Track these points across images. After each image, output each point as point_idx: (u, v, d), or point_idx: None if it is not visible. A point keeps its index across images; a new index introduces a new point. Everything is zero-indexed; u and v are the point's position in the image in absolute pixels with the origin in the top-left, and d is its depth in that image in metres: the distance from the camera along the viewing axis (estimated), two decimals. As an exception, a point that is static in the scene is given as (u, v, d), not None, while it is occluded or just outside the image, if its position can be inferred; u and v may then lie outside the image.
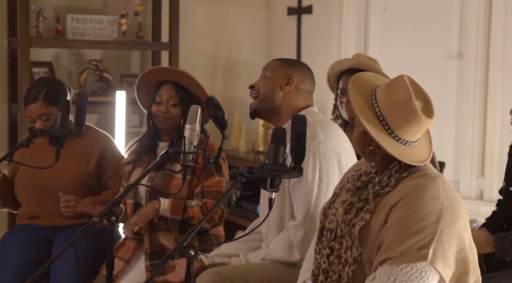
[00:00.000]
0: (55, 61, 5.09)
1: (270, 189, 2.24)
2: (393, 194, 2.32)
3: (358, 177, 2.47)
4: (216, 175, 3.39)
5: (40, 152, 3.53)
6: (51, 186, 3.63)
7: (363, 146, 2.40)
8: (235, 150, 5.31)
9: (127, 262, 3.45)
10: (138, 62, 5.34)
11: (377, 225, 2.31)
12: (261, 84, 3.08)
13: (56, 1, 5.06)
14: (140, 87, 3.54)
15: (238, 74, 5.55)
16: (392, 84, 2.35)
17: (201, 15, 5.43)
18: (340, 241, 2.38)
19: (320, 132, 2.91)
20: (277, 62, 3.13)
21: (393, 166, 2.37)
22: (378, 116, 2.33)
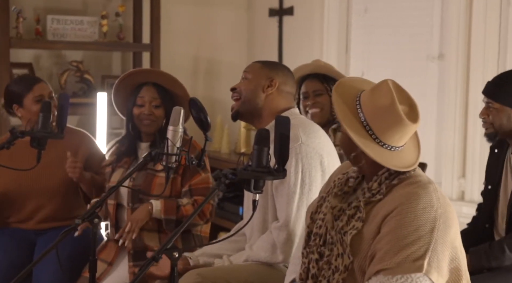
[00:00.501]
0: (35, 62, 5.06)
1: (254, 190, 2.23)
2: (385, 203, 2.31)
3: (345, 181, 2.46)
4: (202, 172, 3.39)
5: (20, 154, 3.51)
6: (36, 188, 3.61)
7: (348, 151, 2.40)
8: (217, 151, 5.31)
9: (109, 264, 3.43)
10: (119, 64, 5.33)
11: (369, 234, 2.30)
12: (243, 87, 3.06)
13: (36, 2, 5.03)
14: (118, 90, 3.50)
15: (219, 75, 5.55)
16: (376, 89, 2.34)
17: (183, 16, 5.43)
18: (330, 248, 2.37)
19: (302, 134, 2.91)
20: (258, 64, 3.12)
21: (382, 172, 2.35)
22: (362, 122, 2.31)
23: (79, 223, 2.60)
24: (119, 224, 3.43)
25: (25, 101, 3.61)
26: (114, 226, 3.45)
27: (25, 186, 3.61)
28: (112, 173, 3.48)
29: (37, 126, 3.08)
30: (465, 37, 4.13)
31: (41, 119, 3.06)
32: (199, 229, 3.46)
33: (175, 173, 3.36)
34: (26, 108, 3.61)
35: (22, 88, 3.62)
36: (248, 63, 5.53)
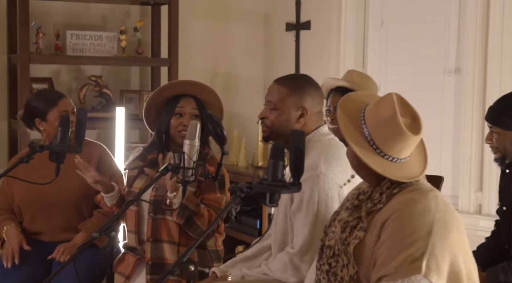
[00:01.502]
0: (55, 77, 5.11)
1: (270, 204, 2.25)
2: (384, 210, 2.33)
3: (357, 195, 2.49)
4: (218, 192, 3.39)
5: (38, 168, 3.54)
6: (54, 201, 3.65)
7: (351, 163, 2.44)
8: (235, 165, 5.32)
9: (127, 277, 3.44)
10: (138, 78, 5.36)
11: (371, 243, 2.32)
12: (273, 117, 2.96)
13: (56, 18, 5.08)
14: (153, 100, 3.48)
15: (237, 89, 5.57)
16: (379, 102, 2.37)
17: (200, 31, 5.46)
18: (336, 259, 2.39)
19: (323, 163, 2.86)
20: (284, 90, 2.97)
21: (384, 183, 2.38)
22: (364, 134, 2.35)
23: (97, 236, 2.62)
24: (141, 234, 3.44)
25: (48, 116, 3.65)
26: (136, 234, 3.46)
27: (45, 199, 3.64)
28: (135, 179, 3.49)
29: (55, 141, 3.11)
30: (481, 51, 4.13)
31: (60, 133, 3.09)
32: (213, 243, 3.47)
33: (197, 188, 3.35)
34: (49, 123, 3.65)
35: (47, 103, 3.67)
36: (265, 77, 5.58)
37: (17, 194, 3.71)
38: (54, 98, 3.69)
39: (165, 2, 5.08)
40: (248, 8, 5.57)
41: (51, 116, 3.65)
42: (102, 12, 5.21)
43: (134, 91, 5.23)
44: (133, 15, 5.28)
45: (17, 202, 3.72)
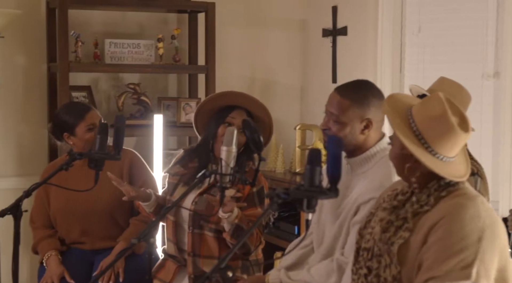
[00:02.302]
0: (94, 85, 5.16)
1: (307, 209, 2.25)
2: (433, 213, 2.33)
3: (395, 196, 2.48)
4: (258, 207, 3.39)
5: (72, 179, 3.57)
6: (89, 212, 3.68)
7: (401, 164, 2.41)
8: (272, 171, 5.32)
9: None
10: (175, 85, 5.39)
11: (416, 244, 2.31)
12: (336, 130, 2.89)
13: (94, 27, 5.13)
14: (204, 108, 3.47)
15: (274, 96, 5.57)
16: (427, 101, 2.37)
17: (237, 38, 5.48)
18: (378, 260, 2.39)
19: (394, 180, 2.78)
20: (346, 102, 2.88)
21: (432, 185, 2.38)
22: (414, 132, 2.35)
23: (136, 242, 2.64)
24: (179, 244, 3.45)
25: (77, 131, 3.67)
26: (175, 244, 3.46)
27: (81, 209, 3.67)
28: (177, 187, 3.49)
29: (94, 148, 3.14)
30: (520, 55, 4.09)
31: (98, 141, 3.12)
32: (254, 254, 3.46)
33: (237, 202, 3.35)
34: (78, 137, 3.67)
35: (74, 117, 3.68)
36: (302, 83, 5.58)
37: (53, 206, 3.74)
38: (82, 112, 3.71)
39: (202, 10, 5.11)
40: (285, 14, 5.58)
41: (79, 130, 3.67)
42: (139, 21, 5.25)
43: (172, 99, 5.26)
44: (170, 23, 5.32)
45: (52, 213, 3.75)
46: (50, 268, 3.64)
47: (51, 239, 3.73)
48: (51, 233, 3.75)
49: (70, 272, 3.65)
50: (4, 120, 4.92)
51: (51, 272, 3.62)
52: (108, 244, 3.69)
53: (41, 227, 3.76)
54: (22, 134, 5.02)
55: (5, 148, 4.94)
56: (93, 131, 3.65)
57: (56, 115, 3.78)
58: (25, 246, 3.65)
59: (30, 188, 3.06)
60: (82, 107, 3.78)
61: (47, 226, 3.77)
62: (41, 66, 5.03)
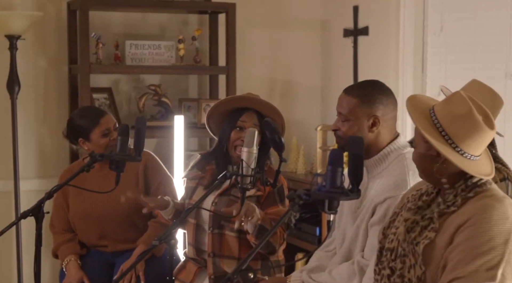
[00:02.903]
0: (115, 87, 5.16)
1: (328, 211, 2.23)
2: (460, 214, 2.31)
3: (419, 196, 2.46)
4: (279, 204, 3.38)
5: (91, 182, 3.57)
6: (107, 215, 3.67)
7: (426, 166, 2.39)
8: (293, 172, 5.31)
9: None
10: (196, 86, 5.39)
11: (442, 244, 2.30)
12: (345, 129, 2.91)
13: (115, 28, 5.14)
14: (216, 110, 3.47)
15: (295, 96, 5.56)
16: (450, 100, 2.35)
17: (258, 39, 5.47)
18: (402, 260, 2.37)
19: (412, 180, 2.80)
20: (354, 100, 2.91)
21: (459, 185, 2.35)
22: (439, 130, 2.32)
23: (157, 244, 2.64)
24: (199, 246, 3.45)
25: (92, 136, 3.66)
26: (194, 246, 3.46)
27: (99, 212, 3.68)
28: (195, 191, 3.49)
29: (115, 150, 3.14)
30: (544, 54, 4.05)
31: (119, 142, 3.12)
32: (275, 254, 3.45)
33: (256, 202, 3.35)
34: (93, 143, 3.67)
35: (88, 122, 3.67)
36: (323, 84, 5.57)
37: (72, 210, 3.75)
38: (96, 117, 3.69)
39: (222, 11, 5.10)
40: (306, 15, 5.56)
41: (94, 136, 3.67)
42: (160, 22, 5.26)
43: (193, 100, 5.26)
44: (191, 24, 5.32)
45: (71, 217, 3.76)
46: (70, 274, 3.64)
47: (71, 243, 3.73)
48: (71, 237, 3.75)
49: (91, 275, 3.65)
50: (26, 122, 4.94)
51: (71, 278, 3.63)
52: (128, 246, 3.69)
53: (61, 231, 3.77)
54: (43, 136, 5.04)
55: (27, 149, 4.96)
56: (108, 136, 3.65)
57: (70, 120, 3.77)
58: (47, 247, 3.66)
59: (51, 189, 3.08)
60: (96, 112, 3.76)
61: (67, 230, 3.77)
62: (62, 68, 5.05)
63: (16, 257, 4.71)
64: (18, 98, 4.71)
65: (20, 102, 4.76)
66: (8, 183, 4.80)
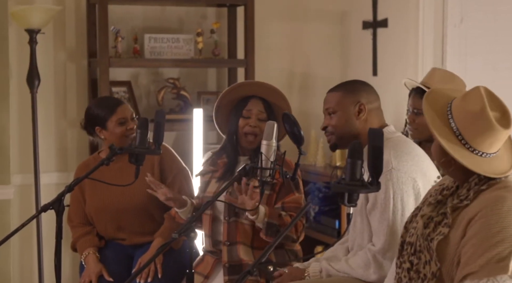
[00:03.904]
0: (134, 80, 5.18)
1: (348, 204, 2.23)
2: (471, 207, 2.29)
3: (441, 191, 2.45)
4: (296, 192, 3.39)
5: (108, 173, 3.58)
6: (124, 208, 3.68)
7: (438, 157, 2.39)
8: (312, 165, 5.29)
9: (206, 277, 3.47)
10: (215, 80, 5.39)
11: (456, 239, 2.28)
12: (334, 122, 3.03)
13: (134, 22, 5.15)
14: (222, 102, 3.50)
15: (314, 89, 5.54)
16: (467, 96, 2.33)
17: (276, 32, 5.46)
18: (418, 256, 2.36)
19: (393, 158, 2.87)
20: (337, 93, 3.06)
21: (473, 179, 2.34)
22: (452, 128, 2.31)
23: (176, 237, 2.64)
24: (215, 237, 3.46)
25: (108, 124, 3.67)
26: (210, 237, 3.47)
27: (116, 205, 3.68)
28: (208, 184, 3.50)
29: (135, 143, 3.14)
30: None
31: (139, 135, 3.12)
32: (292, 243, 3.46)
33: (271, 190, 3.36)
34: (109, 131, 3.68)
35: (105, 111, 3.69)
36: (342, 77, 5.56)
37: (88, 203, 3.76)
38: (113, 106, 3.70)
39: (241, 4, 5.10)
40: (324, 7, 5.54)
41: (110, 124, 3.67)
42: (178, 15, 5.26)
43: (211, 93, 5.26)
44: (209, 17, 5.32)
45: (88, 211, 3.77)
46: (89, 267, 3.66)
47: (89, 236, 3.75)
48: (89, 230, 3.77)
49: (110, 268, 3.66)
50: (46, 116, 4.96)
51: (90, 271, 3.64)
52: (146, 239, 3.70)
53: (79, 225, 3.78)
54: (63, 130, 5.06)
55: (47, 143, 4.98)
56: (125, 125, 3.66)
57: (87, 110, 3.80)
58: (67, 240, 3.68)
59: (71, 182, 3.09)
60: (113, 102, 3.78)
61: (84, 224, 3.79)
62: (81, 62, 5.07)
63: (36, 250, 4.74)
64: (38, 92, 4.73)
65: (40, 96, 4.78)
66: (29, 177, 4.82)
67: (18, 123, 4.91)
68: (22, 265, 4.98)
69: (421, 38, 4.86)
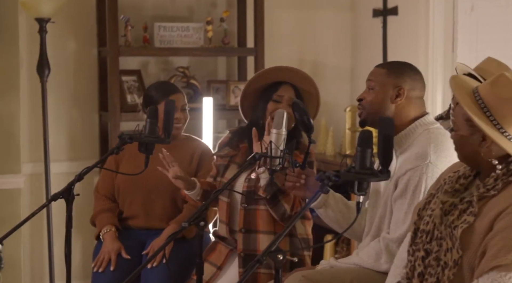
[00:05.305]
0: (143, 69, 5.18)
1: (358, 192, 2.22)
2: (500, 199, 2.27)
3: (456, 179, 2.43)
4: None
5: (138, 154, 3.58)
6: (153, 187, 3.71)
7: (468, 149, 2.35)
8: (322, 154, 5.29)
9: (219, 268, 3.43)
10: (224, 68, 5.39)
11: (481, 229, 2.26)
12: (370, 98, 2.97)
13: (144, 10, 5.15)
14: (251, 86, 3.44)
15: (324, 77, 5.53)
16: (496, 82, 2.31)
17: (286, 20, 5.44)
18: (439, 243, 2.34)
19: (433, 152, 2.84)
20: (383, 70, 3.00)
21: (501, 168, 2.31)
22: (485, 113, 2.29)
23: (186, 225, 2.64)
24: (232, 225, 3.43)
25: (159, 108, 3.69)
26: (227, 225, 3.44)
27: (139, 183, 3.70)
28: (227, 169, 3.46)
29: (145, 132, 3.14)
30: None
31: (148, 125, 3.12)
32: (303, 231, 3.44)
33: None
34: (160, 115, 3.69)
35: (159, 94, 3.75)
36: (352, 65, 5.54)
37: (120, 176, 3.77)
38: (167, 92, 3.75)
39: (250, -8, 5.09)
40: (334, -5, 5.53)
41: (160, 108, 3.68)
42: (188, 4, 5.25)
43: (221, 82, 5.26)
44: (219, 5, 5.31)
45: (117, 183, 3.79)
46: (107, 243, 3.66)
47: (111, 213, 3.76)
48: (112, 207, 3.78)
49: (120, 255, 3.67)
50: (56, 105, 4.97)
51: (108, 247, 3.64)
52: (163, 225, 3.71)
53: (103, 198, 3.80)
54: (73, 119, 5.07)
55: (57, 132, 4.99)
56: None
57: (146, 90, 3.88)
58: (77, 229, 3.69)
59: (81, 171, 3.09)
60: (170, 88, 3.82)
61: (109, 198, 3.80)
62: (91, 51, 5.07)
63: (47, 238, 4.75)
64: (48, 81, 4.73)
65: (50, 85, 4.79)
66: (39, 165, 4.83)
67: (28, 113, 4.92)
68: (32, 254, 5.00)
69: (431, 26, 4.83)
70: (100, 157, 4.93)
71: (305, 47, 5.52)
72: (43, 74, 4.70)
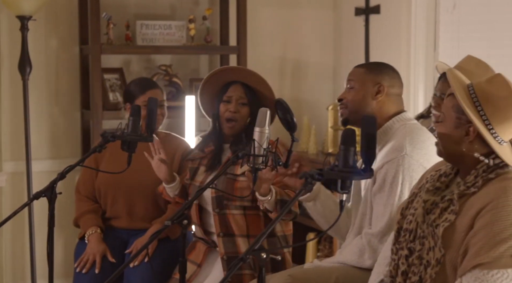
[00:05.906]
0: (126, 67, 5.16)
1: (341, 190, 2.22)
2: (480, 196, 2.28)
3: (438, 177, 2.44)
4: None
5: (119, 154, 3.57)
6: (135, 186, 3.70)
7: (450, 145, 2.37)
8: (305, 152, 5.30)
9: (198, 265, 3.45)
10: (207, 66, 5.38)
11: (462, 227, 2.27)
12: (351, 97, 3.02)
13: (126, 8, 5.13)
14: (205, 88, 3.49)
15: (306, 76, 5.54)
16: (491, 80, 2.33)
17: (269, 18, 5.44)
18: (421, 242, 2.35)
19: (408, 144, 2.87)
20: (362, 69, 3.07)
21: (481, 166, 2.32)
22: (476, 107, 2.31)
23: (169, 224, 2.64)
24: (205, 227, 3.45)
25: (136, 103, 3.69)
26: (200, 226, 3.46)
27: (121, 183, 3.69)
28: (197, 171, 3.49)
29: (127, 130, 3.13)
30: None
31: (131, 123, 3.11)
32: (281, 228, 3.44)
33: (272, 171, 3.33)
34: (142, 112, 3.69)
35: (137, 90, 3.77)
36: (334, 63, 5.55)
37: (101, 175, 3.75)
38: (145, 87, 3.77)
39: (233, -10, 5.08)
40: (317, -7, 5.53)
41: (138, 102, 3.69)
42: (170, 2, 5.24)
43: (204, 80, 5.25)
44: (202, 3, 5.30)
45: (98, 184, 3.77)
46: (92, 245, 3.64)
47: (94, 214, 3.75)
48: (95, 208, 3.77)
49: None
50: (37, 103, 4.94)
51: (93, 249, 3.62)
52: (145, 226, 3.70)
53: (85, 199, 3.78)
54: (55, 117, 5.04)
55: (39, 130, 4.97)
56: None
57: (126, 85, 3.92)
58: (59, 228, 3.67)
59: (64, 170, 3.08)
60: (148, 84, 3.84)
61: (90, 199, 3.79)
62: (73, 49, 5.04)
63: (28, 237, 4.73)
64: (30, 79, 4.71)
65: (32, 83, 4.76)
66: (20, 164, 4.81)
67: (9, 111, 4.89)
68: (14, 253, 4.97)
69: (413, 25, 4.85)
70: (82, 155, 4.91)
71: (287, 45, 5.52)
72: (25, 72, 4.67)
